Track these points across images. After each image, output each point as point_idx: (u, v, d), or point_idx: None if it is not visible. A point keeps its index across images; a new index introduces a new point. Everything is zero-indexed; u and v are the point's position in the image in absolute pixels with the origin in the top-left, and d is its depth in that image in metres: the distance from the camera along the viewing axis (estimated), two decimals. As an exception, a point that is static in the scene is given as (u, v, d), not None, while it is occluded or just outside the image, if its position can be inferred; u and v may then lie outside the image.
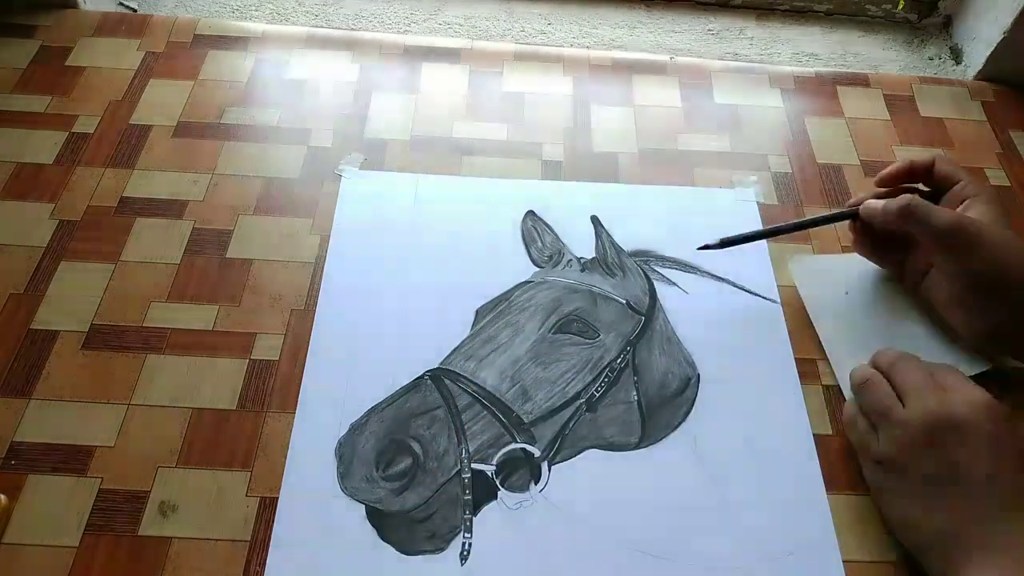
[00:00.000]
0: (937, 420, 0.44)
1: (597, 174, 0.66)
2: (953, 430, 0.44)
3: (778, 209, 0.64)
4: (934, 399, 0.45)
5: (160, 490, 0.48)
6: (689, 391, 0.54)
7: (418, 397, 0.52)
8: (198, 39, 0.73)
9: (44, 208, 0.60)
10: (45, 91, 0.67)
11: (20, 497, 0.47)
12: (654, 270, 0.60)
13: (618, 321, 0.56)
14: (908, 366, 0.48)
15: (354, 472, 0.49)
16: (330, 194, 0.63)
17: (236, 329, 0.55)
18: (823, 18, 0.84)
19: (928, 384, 0.46)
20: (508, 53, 0.74)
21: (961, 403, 0.45)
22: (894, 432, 0.46)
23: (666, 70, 0.74)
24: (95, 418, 0.50)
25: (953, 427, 0.44)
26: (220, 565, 0.45)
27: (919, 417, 0.45)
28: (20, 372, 0.52)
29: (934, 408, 0.45)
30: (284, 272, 0.58)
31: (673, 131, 0.69)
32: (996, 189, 0.66)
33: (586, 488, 0.49)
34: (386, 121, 0.68)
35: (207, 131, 0.66)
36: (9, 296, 0.55)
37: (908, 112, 0.72)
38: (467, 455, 0.49)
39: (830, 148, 0.69)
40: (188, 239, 0.59)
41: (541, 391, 0.52)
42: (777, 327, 0.57)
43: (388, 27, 0.79)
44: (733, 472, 0.50)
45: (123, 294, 0.56)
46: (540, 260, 0.60)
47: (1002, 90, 0.75)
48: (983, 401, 0.45)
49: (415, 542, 0.47)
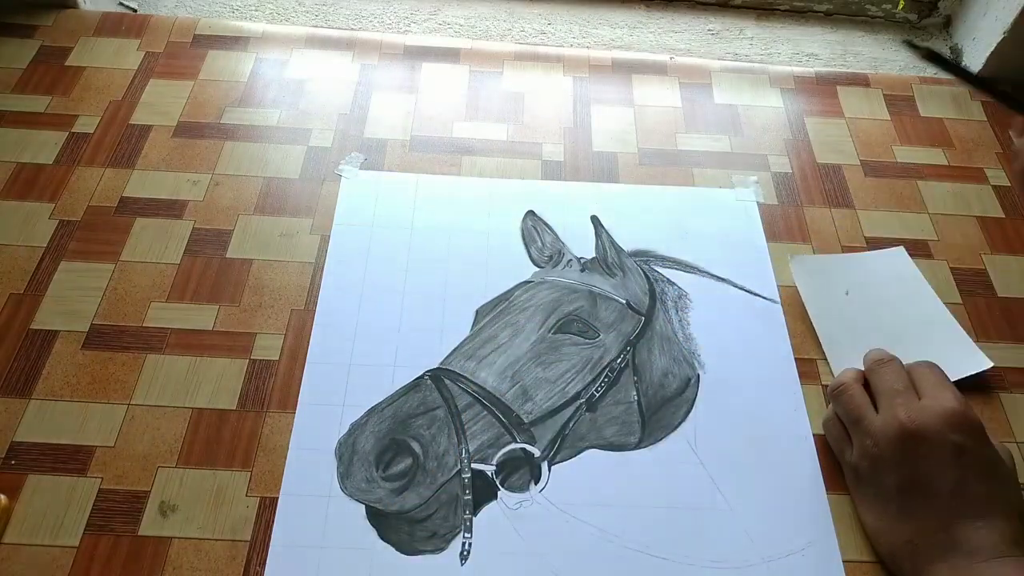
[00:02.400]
0: (904, 432, 0.44)
1: (597, 174, 0.66)
2: (920, 442, 0.44)
3: (778, 209, 0.64)
4: (903, 410, 0.45)
5: (160, 490, 0.48)
6: (689, 391, 0.54)
7: (418, 397, 0.51)
8: (198, 39, 0.73)
9: (44, 208, 0.60)
10: (45, 91, 0.67)
11: (20, 497, 0.47)
12: (654, 270, 0.60)
13: (618, 321, 0.56)
14: (886, 369, 0.48)
15: (354, 472, 0.49)
16: (330, 194, 0.63)
17: (236, 329, 0.55)
18: (823, 18, 0.84)
19: (901, 391, 0.47)
20: (508, 53, 0.74)
21: (929, 414, 0.45)
22: (865, 442, 0.46)
23: (666, 70, 0.74)
24: (95, 418, 0.50)
25: (920, 439, 0.44)
26: (220, 565, 0.45)
27: (888, 429, 0.45)
28: (20, 372, 0.52)
29: (903, 420, 0.45)
30: (284, 272, 0.58)
31: (673, 131, 0.69)
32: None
33: (586, 488, 0.49)
34: (386, 121, 0.68)
35: (207, 131, 0.66)
36: (9, 296, 0.55)
37: (908, 112, 0.72)
38: (467, 455, 0.49)
39: (830, 148, 0.69)
40: (188, 239, 0.59)
41: (541, 391, 0.52)
42: (777, 327, 0.57)
43: (388, 27, 0.79)
44: (733, 472, 0.50)
45: (123, 294, 0.56)
46: (540, 260, 0.60)
47: (1002, 90, 0.75)
48: (951, 411, 0.45)
49: (415, 542, 0.47)
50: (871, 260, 0.60)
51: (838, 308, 0.58)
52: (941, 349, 0.54)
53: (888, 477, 0.45)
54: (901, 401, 0.46)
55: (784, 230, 0.63)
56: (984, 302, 0.59)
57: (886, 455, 0.45)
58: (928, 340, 0.55)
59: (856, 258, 0.59)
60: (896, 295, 0.58)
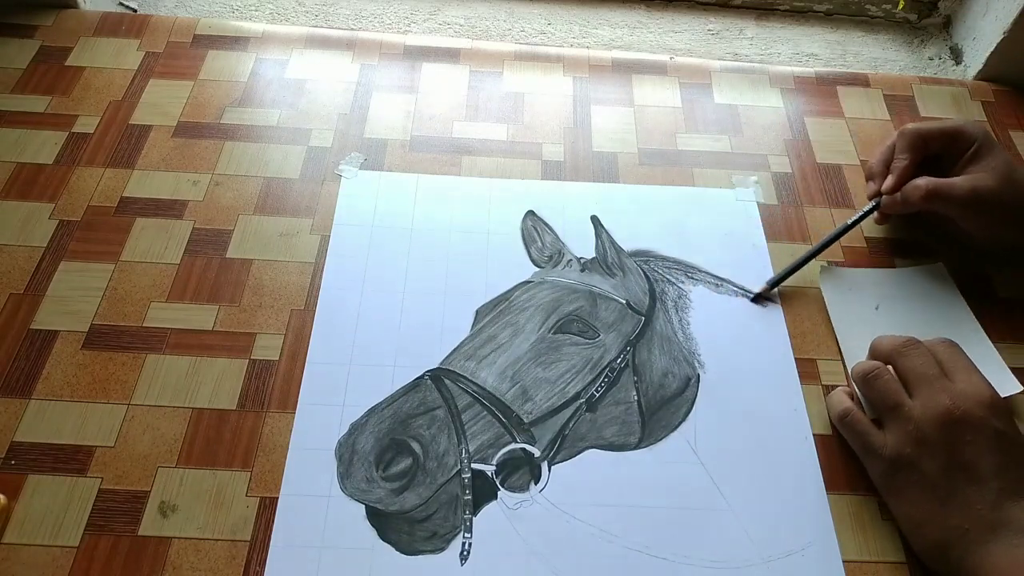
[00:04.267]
0: (949, 417, 0.45)
1: (597, 174, 0.66)
2: (965, 427, 0.45)
3: (778, 209, 0.64)
4: (946, 395, 0.46)
5: (160, 490, 0.48)
6: (689, 391, 0.54)
7: (418, 397, 0.52)
8: (198, 39, 0.73)
9: (44, 208, 0.60)
10: (45, 91, 0.67)
11: (20, 497, 0.47)
12: (654, 270, 0.60)
13: (618, 321, 0.56)
14: (916, 353, 0.48)
15: (354, 472, 0.49)
16: (330, 194, 0.63)
17: (236, 329, 0.55)
18: (823, 18, 0.84)
19: (936, 375, 0.47)
20: (508, 53, 0.74)
21: (972, 401, 0.45)
22: (907, 428, 0.46)
23: (666, 70, 0.74)
24: (95, 418, 0.50)
25: (965, 424, 0.45)
26: (220, 565, 0.45)
27: (930, 413, 0.45)
28: (20, 372, 0.52)
29: (948, 405, 0.45)
30: (284, 272, 0.58)
31: (673, 131, 0.69)
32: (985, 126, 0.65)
33: (586, 488, 0.49)
34: (386, 121, 0.68)
35: (207, 131, 0.66)
36: (9, 296, 0.55)
37: (908, 112, 0.72)
38: (467, 455, 0.49)
39: (830, 148, 0.69)
40: (188, 239, 0.59)
41: (541, 391, 0.52)
42: (777, 327, 0.57)
43: (388, 27, 0.79)
44: (733, 472, 0.50)
45: (123, 294, 0.56)
46: (540, 260, 0.60)
47: (1002, 90, 0.75)
48: (992, 397, 0.46)
49: (415, 542, 0.47)
50: (907, 275, 0.60)
51: (865, 322, 0.57)
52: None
53: (932, 462, 0.45)
54: (940, 386, 0.46)
55: (784, 230, 0.63)
56: (984, 302, 0.59)
57: (930, 440, 0.45)
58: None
59: (891, 273, 0.59)
60: (929, 312, 0.57)
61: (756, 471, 0.50)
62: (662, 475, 0.50)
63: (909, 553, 0.47)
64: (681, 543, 0.47)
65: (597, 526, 0.48)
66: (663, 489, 0.49)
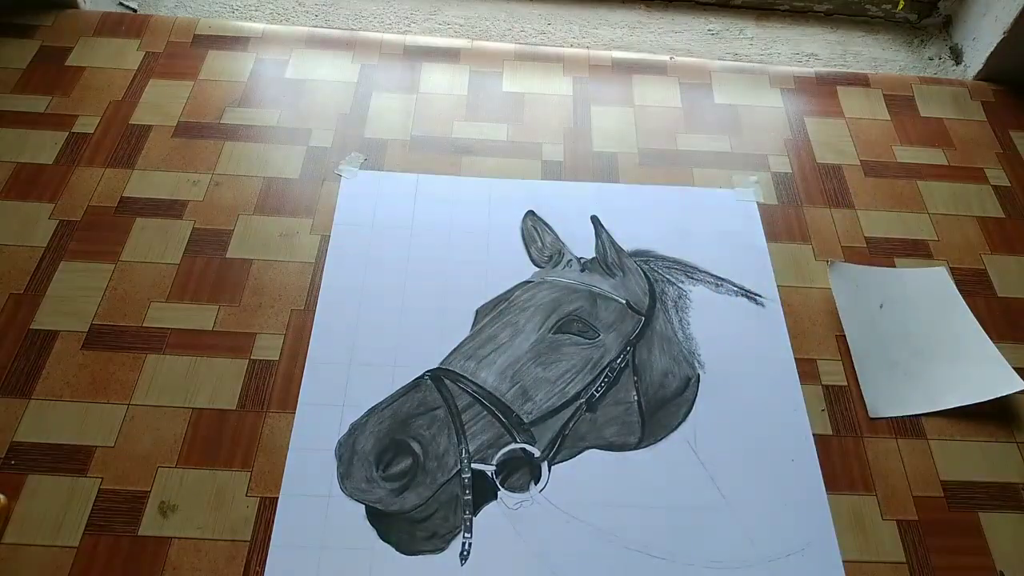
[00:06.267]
0: None
1: (597, 174, 0.66)
2: None
3: (778, 209, 0.64)
4: None
5: (160, 490, 0.48)
6: (689, 391, 0.54)
7: (418, 397, 0.51)
8: (198, 39, 0.73)
9: (44, 208, 0.60)
10: (45, 91, 0.67)
11: (20, 497, 0.47)
12: (654, 270, 0.60)
13: (618, 321, 0.56)
14: None
15: (354, 472, 0.49)
16: (330, 194, 0.63)
17: (236, 329, 0.55)
18: (823, 18, 0.84)
19: None
20: (508, 53, 0.74)
21: None
22: None
23: (666, 70, 0.74)
24: (95, 418, 0.50)
25: None
26: (220, 565, 0.45)
27: None
28: (20, 372, 0.52)
29: None
30: (284, 272, 0.58)
31: (673, 131, 0.69)
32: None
33: (586, 488, 0.49)
34: (386, 121, 0.68)
35: (207, 131, 0.66)
36: (9, 296, 0.55)
37: (908, 112, 0.72)
38: (467, 455, 0.49)
39: (830, 148, 0.69)
40: (188, 239, 0.59)
41: (541, 391, 0.52)
42: (777, 327, 0.57)
43: (388, 27, 0.79)
44: (733, 472, 0.50)
45: (123, 294, 0.56)
46: (540, 260, 0.60)
47: (1002, 90, 0.75)
48: None
49: (415, 542, 0.47)
50: (910, 276, 0.60)
51: (870, 320, 0.57)
52: (971, 368, 0.54)
53: None
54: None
55: (784, 230, 0.63)
56: (984, 302, 0.59)
57: None
58: (958, 358, 0.55)
59: (894, 273, 0.59)
60: (931, 312, 0.58)
61: (756, 471, 0.50)
62: (662, 475, 0.50)
63: (909, 553, 0.47)
64: (681, 543, 0.47)
65: (597, 526, 0.48)
66: (663, 489, 0.49)
